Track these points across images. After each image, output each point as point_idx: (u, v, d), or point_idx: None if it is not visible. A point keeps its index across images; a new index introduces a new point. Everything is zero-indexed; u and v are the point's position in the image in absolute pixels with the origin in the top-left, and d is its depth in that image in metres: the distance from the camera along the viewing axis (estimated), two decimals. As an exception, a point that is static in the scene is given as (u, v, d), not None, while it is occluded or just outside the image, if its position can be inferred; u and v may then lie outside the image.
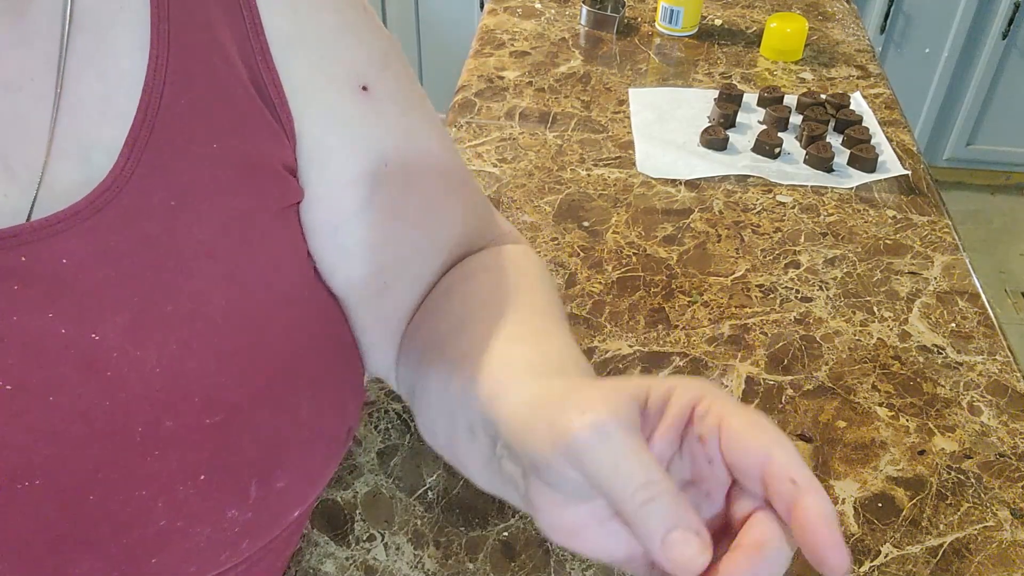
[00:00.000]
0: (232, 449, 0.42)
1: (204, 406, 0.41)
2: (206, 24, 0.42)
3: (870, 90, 1.21)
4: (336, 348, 0.50)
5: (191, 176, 0.41)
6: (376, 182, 0.47)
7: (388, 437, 0.72)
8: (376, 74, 0.47)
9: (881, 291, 0.85)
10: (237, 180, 0.42)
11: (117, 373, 0.39)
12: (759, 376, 0.77)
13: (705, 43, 1.32)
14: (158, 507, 0.41)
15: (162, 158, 0.40)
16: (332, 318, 0.49)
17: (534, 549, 0.64)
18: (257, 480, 0.44)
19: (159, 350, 0.40)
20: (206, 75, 0.41)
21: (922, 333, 0.80)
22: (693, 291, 0.86)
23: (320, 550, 0.64)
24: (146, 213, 0.39)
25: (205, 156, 0.41)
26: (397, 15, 2.50)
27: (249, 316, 0.43)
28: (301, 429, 0.46)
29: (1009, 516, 0.64)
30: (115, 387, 0.39)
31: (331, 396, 0.48)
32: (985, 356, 0.78)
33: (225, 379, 0.42)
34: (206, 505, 0.42)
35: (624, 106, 1.16)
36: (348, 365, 0.51)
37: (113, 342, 0.39)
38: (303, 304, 0.46)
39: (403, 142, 0.48)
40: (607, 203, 0.98)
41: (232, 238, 0.42)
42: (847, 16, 1.42)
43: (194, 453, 0.41)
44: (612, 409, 0.31)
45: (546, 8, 1.41)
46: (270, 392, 0.44)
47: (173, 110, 0.40)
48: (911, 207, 0.98)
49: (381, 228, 0.48)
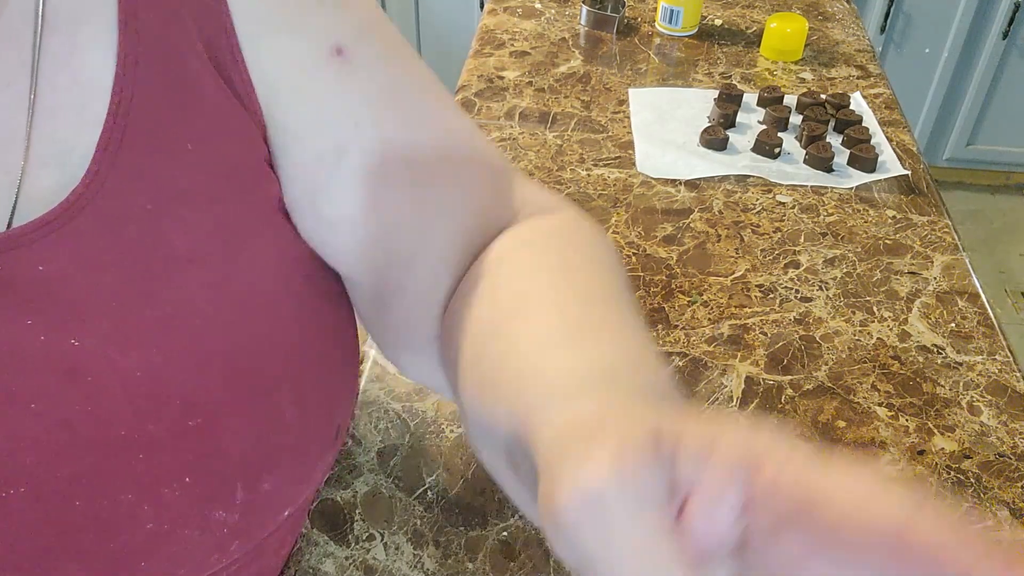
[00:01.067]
0: (216, 451, 0.42)
1: (186, 409, 0.41)
2: (174, 16, 0.40)
3: (870, 90, 1.21)
4: (326, 350, 0.48)
5: (168, 179, 0.40)
6: (353, 153, 0.43)
7: (388, 436, 0.72)
8: (353, 38, 0.43)
9: (881, 291, 0.85)
10: (216, 182, 0.41)
11: (98, 379, 0.38)
12: (759, 376, 0.77)
13: (705, 43, 1.32)
14: (144, 511, 0.40)
15: (137, 161, 0.39)
16: (322, 320, 0.48)
17: (534, 549, 0.64)
18: (243, 482, 0.44)
19: (140, 356, 0.39)
20: (177, 72, 0.40)
21: (922, 333, 0.80)
22: (693, 291, 0.86)
23: (319, 550, 0.64)
24: (123, 218, 0.38)
25: (181, 158, 0.40)
26: (397, 15, 2.50)
27: (232, 321, 0.42)
28: (287, 431, 0.45)
29: (1009, 516, 0.64)
30: (96, 393, 0.38)
31: (319, 397, 0.47)
32: (985, 356, 0.78)
33: (207, 382, 0.41)
34: (192, 507, 0.42)
35: (624, 106, 1.16)
36: (340, 365, 0.50)
37: (93, 349, 0.38)
38: (289, 307, 0.45)
39: (386, 110, 0.44)
40: (607, 203, 0.98)
41: (214, 243, 0.41)
42: (847, 16, 1.42)
43: (178, 455, 0.41)
44: (619, 469, 0.22)
45: (546, 8, 1.41)
46: (253, 395, 0.43)
47: (145, 111, 0.39)
48: (911, 207, 0.98)
49: (368, 204, 0.44)
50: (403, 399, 0.75)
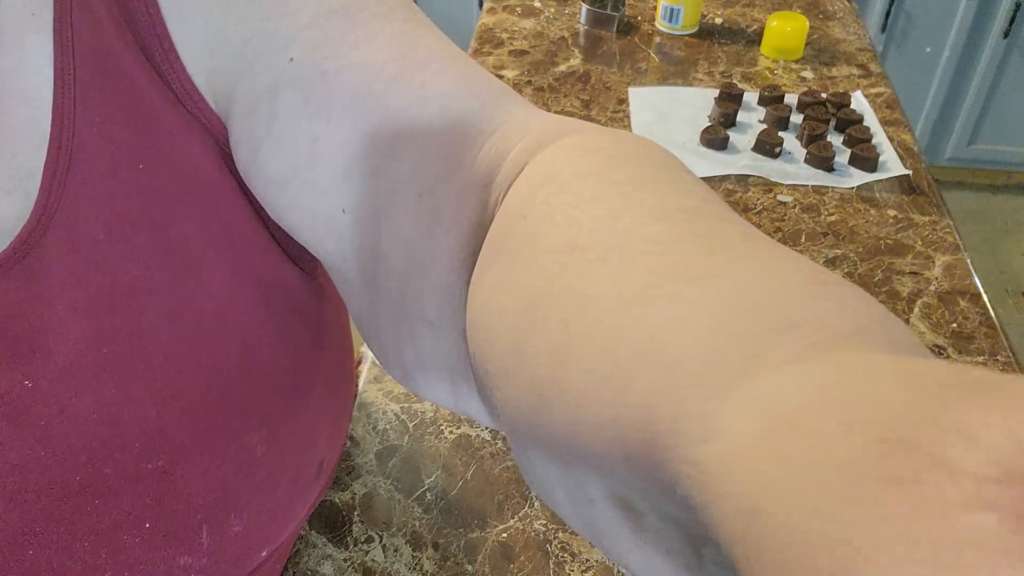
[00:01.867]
0: (178, 494, 0.40)
1: (145, 451, 0.39)
2: (106, 23, 0.36)
3: (871, 89, 1.21)
4: (301, 380, 0.44)
5: (119, 205, 0.37)
6: (323, 141, 0.35)
7: (386, 438, 0.71)
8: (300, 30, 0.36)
9: (882, 291, 0.85)
10: (168, 204, 0.38)
11: (51, 422, 0.36)
12: (760, 377, 0.77)
13: (705, 42, 1.31)
14: (101, 558, 0.39)
15: (85, 188, 0.36)
16: (295, 347, 0.43)
17: (533, 551, 0.63)
18: (208, 525, 0.41)
19: (95, 395, 0.37)
20: (119, 86, 0.36)
21: (923, 333, 0.80)
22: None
23: (318, 552, 0.63)
24: (75, 250, 0.36)
25: (132, 181, 0.37)
26: (397, 14, 2.50)
27: (193, 355, 0.39)
28: (256, 469, 0.42)
29: (1011, 518, 0.64)
30: (49, 437, 0.37)
31: (294, 431, 0.44)
32: (986, 356, 0.77)
33: (167, 422, 0.39)
34: (154, 554, 0.40)
35: (624, 105, 1.16)
36: (321, 395, 0.46)
37: (46, 389, 0.36)
38: (254, 334, 0.41)
39: (362, 108, 0.35)
40: (607, 203, 0.97)
41: (168, 269, 0.38)
42: (848, 15, 1.42)
43: (137, 500, 0.39)
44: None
45: (545, 7, 1.40)
46: (217, 432, 0.41)
47: (89, 130, 0.36)
48: (912, 207, 0.97)
49: (349, 192, 0.35)
50: (401, 400, 0.74)
